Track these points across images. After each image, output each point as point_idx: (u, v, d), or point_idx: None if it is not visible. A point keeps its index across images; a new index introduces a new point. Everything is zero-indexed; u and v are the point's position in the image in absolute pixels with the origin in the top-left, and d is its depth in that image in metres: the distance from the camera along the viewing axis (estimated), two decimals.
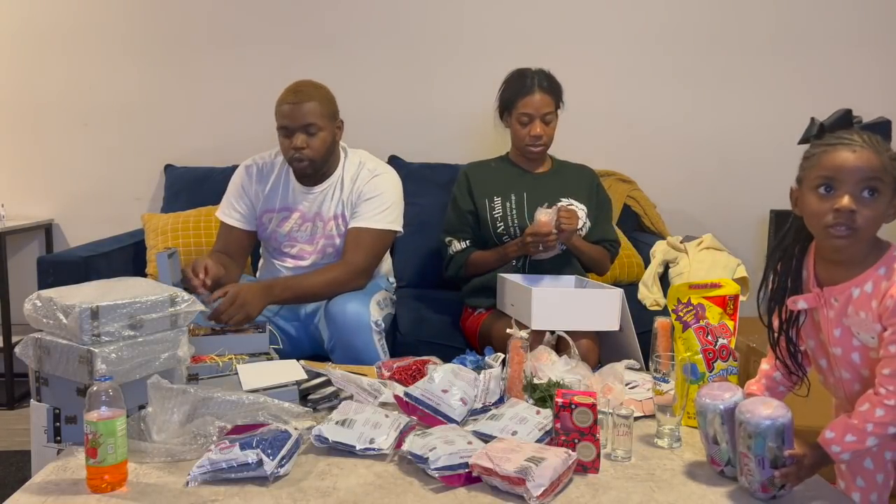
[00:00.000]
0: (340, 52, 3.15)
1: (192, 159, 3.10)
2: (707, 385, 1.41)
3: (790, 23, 3.25)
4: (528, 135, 2.23)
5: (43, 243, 3.16)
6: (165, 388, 1.37)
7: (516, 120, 2.25)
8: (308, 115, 2.05)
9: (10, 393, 2.92)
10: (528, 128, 2.23)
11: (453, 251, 2.29)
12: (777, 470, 1.19)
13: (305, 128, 2.05)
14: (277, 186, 2.19)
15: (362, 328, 1.97)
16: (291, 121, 2.05)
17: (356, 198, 2.15)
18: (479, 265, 2.25)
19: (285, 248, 2.22)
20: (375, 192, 2.15)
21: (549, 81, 2.25)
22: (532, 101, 2.21)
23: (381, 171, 2.20)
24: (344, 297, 2.04)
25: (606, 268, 2.34)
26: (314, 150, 2.07)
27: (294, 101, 2.04)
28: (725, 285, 1.63)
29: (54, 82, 3.12)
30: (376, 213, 2.13)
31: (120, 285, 1.53)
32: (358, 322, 1.97)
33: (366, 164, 2.20)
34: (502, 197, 2.27)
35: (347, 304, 2.00)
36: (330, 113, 2.11)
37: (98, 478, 1.20)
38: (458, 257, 2.28)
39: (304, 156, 2.07)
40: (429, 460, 1.24)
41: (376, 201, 2.14)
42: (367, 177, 2.17)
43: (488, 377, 1.55)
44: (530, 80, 2.23)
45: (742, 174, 3.32)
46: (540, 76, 2.25)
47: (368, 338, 1.97)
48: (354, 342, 1.97)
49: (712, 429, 1.29)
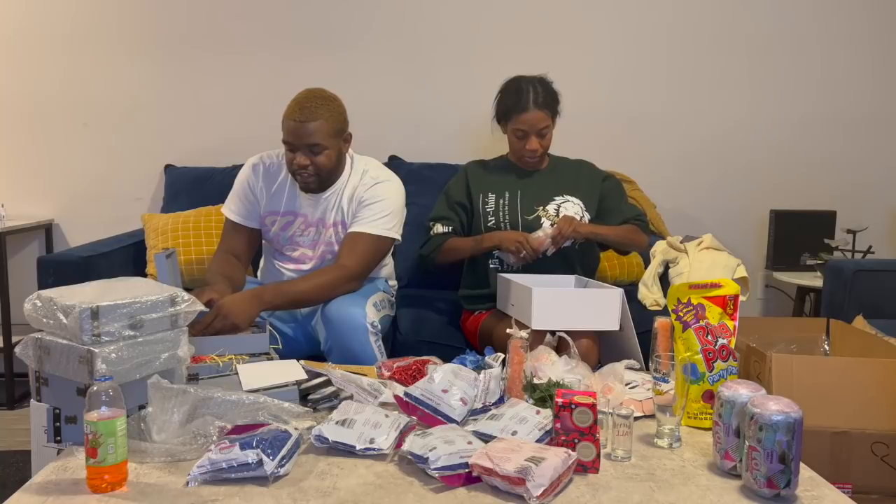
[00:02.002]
0: (340, 52, 3.15)
1: (192, 159, 3.10)
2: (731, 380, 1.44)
3: (790, 23, 3.25)
4: (525, 148, 2.24)
5: (43, 243, 3.17)
6: (165, 388, 1.37)
7: (512, 133, 2.26)
8: (313, 136, 2.00)
9: (10, 393, 2.93)
10: (523, 142, 2.24)
11: (433, 233, 2.30)
12: (784, 465, 1.20)
13: (310, 147, 2.02)
14: (283, 189, 2.18)
15: (358, 330, 1.96)
16: (296, 139, 2.02)
17: (356, 204, 2.14)
18: (453, 251, 2.26)
19: (287, 251, 2.22)
20: (376, 198, 2.13)
21: (545, 95, 2.22)
22: (528, 119, 2.20)
23: (385, 178, 2.19)
24: (340, 299, 2.03)
25: (644, 241, 2.33)
26: (318, 166, 2.05)
27: (300, 119, 1.99)
28: (725, 285, 1.63)
29: (54, 82, 3.12)
30: (375, 219, 2.12)
31: (120, 285, 1.53)
32: (354, 324, 1.96)
33: (369, 171, 2.18)
34: (496, 194, 2.29)
35: (343, 306, 2.00)
36: (336, 130, 2.06)
37: (98, 478, 1.20)
38: (435, 238, 2.29)
39: (308, 173, 2.06)
40: (429, 460, 1.24)
41: (376, 207, 2.13)
42: (370, 183, 2.15)
43: (488, 377, 1.55)
44: (525, 96, 2.20)
45: (742, 174, 3.32)
46: (536, 90, 2.21)
47: (365, 339, 1.96)
48: (350, 344, 1.96)
49: (736, 420, 1.30)
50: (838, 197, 3.30)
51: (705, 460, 1.38)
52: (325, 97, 2.06)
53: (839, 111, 3.29)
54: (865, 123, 3.30)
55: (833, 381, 1.63)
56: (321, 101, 2.04)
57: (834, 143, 3.31)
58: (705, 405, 1.55)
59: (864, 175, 3.34)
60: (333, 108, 2.06)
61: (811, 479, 1.30)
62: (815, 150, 3.31)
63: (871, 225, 3.16)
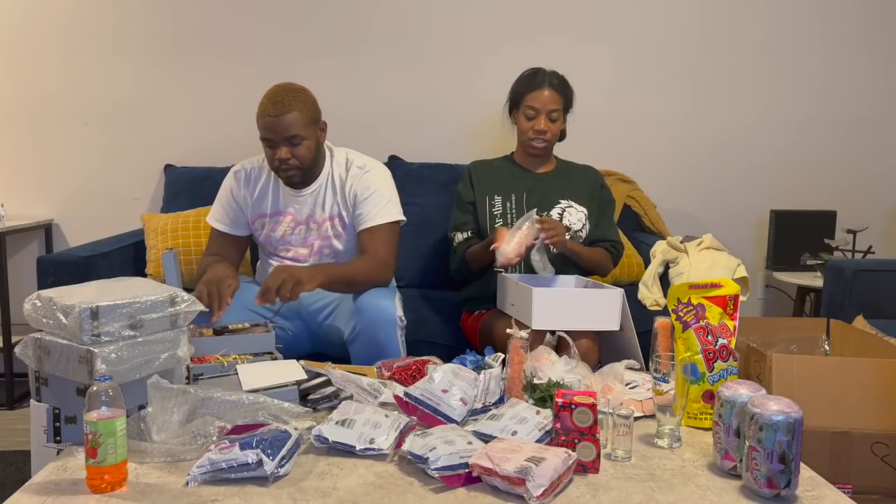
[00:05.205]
0: (340, 53, 3.15)
1: (192, 159, 3.10)
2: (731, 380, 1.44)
3: (789, 23, 3.25)
4: (532, 129, 2.23)
5: (43, 243, 3.16)
6: (165, 388, 1.37)
7: (523, 114, 2.25)
8: (290, 128, 2.01)
9: (10, 393, 2.92)
10: (533, 122, 2.23)
11: (456, 243, 2.29)
12: (784, 465, 1.20)
13: (289, 140, 2.02)
14: (266, 191, 2.19)
15: (388, 322, 1.98)
16: (273, 133, 2.02)
17: (352, 199, 2.15)
18: (475, 258, 2.24)
19: (280, 251, 2.23)
20: (369, 189, 2.14)
21: (560, 82, 2.26)
22: (540, 96, 2.21)
23: (370, 166, 2.20)
24: (372, 291, 2.04)
25: (608, 269, 2.33)
26: (300, 158, 2.06)
27: (275, 114, 2.00)
28: (725, 285, 1.63)
29: (54, 82, 3.12)
30: (379, 210, 2.14)
31: (120, 285, 1.53)
32: (385, 315, 1.98)
33: (354, 161, 2.19)
34: (503, 196, 2.28)
35: (375, 298, 2.01)
36: (312, 119, 2.07)
37: (98, 478, 1.20)
38: (459, 248, 2.28)
39: (290, 165, 2.06)
40: (429, 460, 1.24)
41: (374, 199, 2.14)
42: (358, 174, 2.16)
43: (488, 377, 1.55)
44: (541, 77, 2.24)
45: (742, 174, 3.32)
46: (552, 75, 2.26)
47: (393, 332, 1.98)
48: (379, 336, 1.97)
49: (737, 420, 1.30)
50: (838, 197, 3.30)
51: (705, 460, 1.38)
52: (295, 89, 2.07)
53: (839, 111, 3.29)
54: (865, 124, 3.30)
55: (833, 381, 1.63)
56: (292, 93, 2.04)
57: (834, 144, 3.31)
58: (705, 405, 1.55)
59: (864, 175, 3.34)
60: (305, 98, 2.07)
61: (811, 479, 1.30)
62: (815, 150, 3.31)
63: (871, 225, 3.16)
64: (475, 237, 2.28)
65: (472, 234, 2.28)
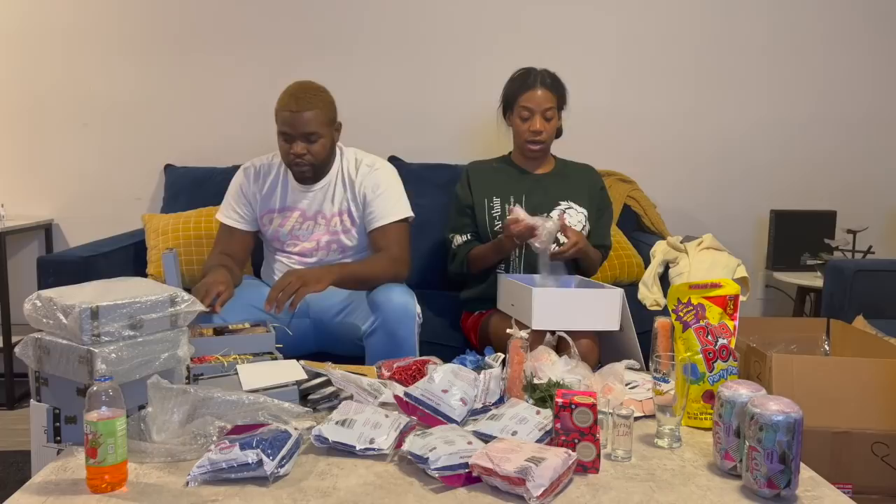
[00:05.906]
0: (340, 52, 3.15)
1: (192, 159, 3.10)
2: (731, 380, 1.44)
3: (790, 23, 3.25)
4: (528, 130, 2.23)
5: (43, 243, 3.16)
6: (165, 388, 1.37)
7: (517, 115, 2.25)
8: (309, 124, 2.07)
9: (10, 393, 2.92)
10: (528, 123, 2.23)
11: (455, 245, 2.29)
12: (784, 465, 1.20)
13: (306, 136, 2.08)
14: (275, 187, 2.23)
15: (408, 317, 2.00)
16: (292, 128, 2.08)
17: (362, 197, 2.19)
18: (479, 259, 2.24)
19: (288, 246, 2.25)
20: (379, 188, 2.19)
21: (552, 80, 2.26)
22: (534, 96, 2.21)
23: (378, 165, 2.25)
24: (392, 286, 2.06)
25: (596, 271, 2.35)
26: (314, 154, 2.11)
27: (295, 109, 2.06)
28: (725, 285, 1.63)
29: (54, 82, 3.12)
30: (390, 208, 2.18)
31: (120, 285, 1.53)
32: (404, 310, 2.00)
33: (362, 160, 2.24)
34: (501, 198, 2.27)
35: (396, 293, 2.03)
36: (330, 119, 2.13)
37: (98, 478, 1.20)
38: (460, 251, 2.28)
39: (304, 161, 2.11)
40: (429, 460, 1.24)
41: (384, 196, 2.19)
42: (367, 172, 2.21)
43: (488, 377, 1.55)
44: (533, 77, 2.24)
45: (742, 174, 3.32)
46: (544, 74, 2.26)
47: (411, 328, 2.00)
48: (399, 330, 1.99)
49: (737, 420, 1.30)
50: (838, 197, 3.30)
51: (705, 460, 1.38)
52: (317, 88, 2.14)
53: (839, 111, 3.29)
54: (865, 124, 3.30)
55: (833, 381, 1.63)
56: (314, 91, 2.11)
57: (834, 144, 3.31)
58: (705, 405, 1.55)
59: (864, 175, 3.34)
60: (325, 97, 2.14)
61: (811, 479, 1.30)
62: (815, 150, 3.31)
63: (871, 225, 3.16)
64: (475, 239, 2.28)
65: (472, 236, 2.28)
